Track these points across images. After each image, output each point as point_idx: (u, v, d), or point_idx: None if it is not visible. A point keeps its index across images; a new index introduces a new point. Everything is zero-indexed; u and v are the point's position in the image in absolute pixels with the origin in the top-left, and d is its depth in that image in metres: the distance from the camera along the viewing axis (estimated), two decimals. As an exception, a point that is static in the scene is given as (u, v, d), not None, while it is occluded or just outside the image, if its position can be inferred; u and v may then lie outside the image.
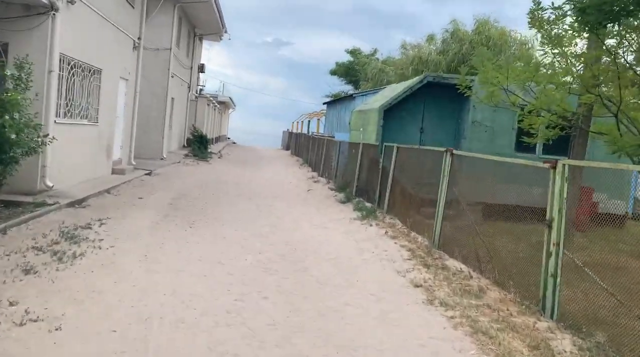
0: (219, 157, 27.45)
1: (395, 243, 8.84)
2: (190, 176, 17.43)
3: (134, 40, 15.71)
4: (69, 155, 11.25)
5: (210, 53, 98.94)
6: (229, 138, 59.76)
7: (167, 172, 17.50)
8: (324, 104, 40.65)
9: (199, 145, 25.95)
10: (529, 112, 9.88)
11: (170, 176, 16.68)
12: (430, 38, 35.26)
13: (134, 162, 16.65)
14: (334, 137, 27.60)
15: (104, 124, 13.59)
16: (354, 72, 46.88)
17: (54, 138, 9.28)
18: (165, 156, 21.61)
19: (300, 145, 36.23)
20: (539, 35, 9.86)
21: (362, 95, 27.90)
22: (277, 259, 7.41)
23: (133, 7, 15.33)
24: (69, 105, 11.30)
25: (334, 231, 9.90)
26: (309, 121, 50.15)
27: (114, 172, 14.74)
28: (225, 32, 29.69)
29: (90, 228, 8.13)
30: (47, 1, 9.37)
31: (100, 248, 7.02)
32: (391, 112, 13.43)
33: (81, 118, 12.11)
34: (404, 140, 13.31)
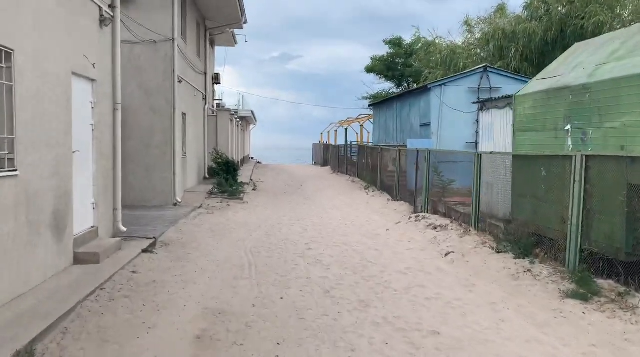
0: (253, 189, 20.12)
1: None
2: (222, 241, 10.07)
3: (100, 8, 8.48)
4: None
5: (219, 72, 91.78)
6: (252, 158, 52.66)
7: (183, 237, 10.16)
8: (369, 106, 33.27)
9: (225, 175, 18.67)
10: None
11: (189, 247, 9.33)
12: (500, 9, 27.73)
13: (123, 228, 9.35)
14: (405, 146, 20.15)
15: (38, 170, 6.34)
16: (395, 66, 39.43)
17: None
18: (179, 200, 14.35)
19: (348, 161, 28.79)
20: None
21: (440, 85, 20.45)
22: None
23: (91, -58, 8.12)
24: None
25: None
26: (346, 129, 42.66)
27: (78, 260, 7.47)
28: (245, 22, 22.47)
29: None
30: None
31: None
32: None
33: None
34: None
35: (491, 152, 9.91)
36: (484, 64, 20.40)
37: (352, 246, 9.46)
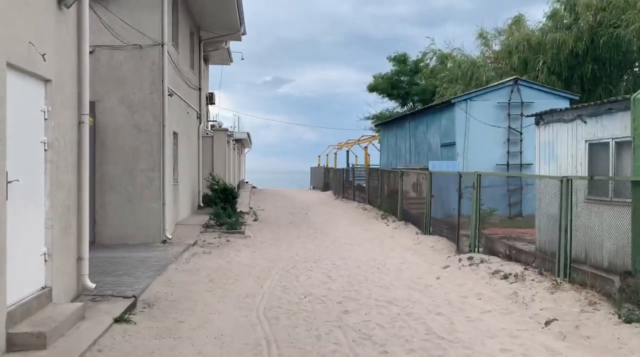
0: (254, 220, 17.61)
1: None
2: (224, 298, 7.54)
3: (58, -18, 6.12)
4: None
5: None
6: (246, 182, 50.19)
7: (173, 292, 7.63)
8: (375, 126, 31.10)
9: (223, 204, 16.19)
10: None
11: (181, 309, 6.79)
12: (517, 21, 25.82)
13: (90, 284, 6.84)
14: (424, 168, 17.83)
15: None
16: (400, 84, 37.38)
17: None
18: (169, 236, 11.82)
19: (354, 186, 26.44)
20: None
21: (465, 99, 18.23)
22: None
23: None
24: None
25: None
26: (347, 152, 40.37)
27: (13, 344, 4.96)
28: (244, 33, 20.25)
29: None
30: None
31: None
32: None
33: None
34: None
35: (591, 177, 7.57)
36: (515, 76, 18.23)
37: (403, 307, 6.96)
